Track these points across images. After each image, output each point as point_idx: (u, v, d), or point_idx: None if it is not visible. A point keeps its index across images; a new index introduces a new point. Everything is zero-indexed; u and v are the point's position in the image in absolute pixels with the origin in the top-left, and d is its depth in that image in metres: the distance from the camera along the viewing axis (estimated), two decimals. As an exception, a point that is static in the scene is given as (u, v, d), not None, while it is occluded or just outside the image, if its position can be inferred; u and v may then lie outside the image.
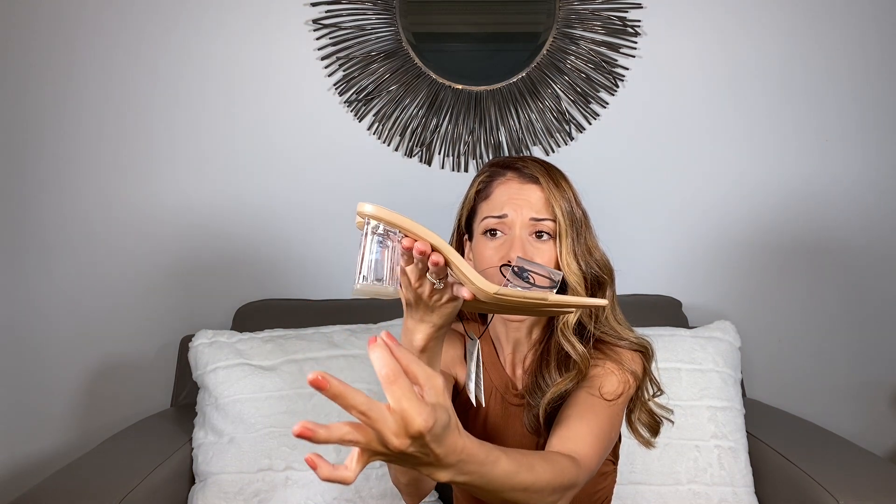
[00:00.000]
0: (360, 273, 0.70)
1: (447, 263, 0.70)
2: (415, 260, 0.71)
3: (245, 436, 1.33)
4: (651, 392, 1.02)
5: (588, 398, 0.93)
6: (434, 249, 0.70)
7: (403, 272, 0.74)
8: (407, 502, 0.97)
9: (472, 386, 0.80)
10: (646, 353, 1.00)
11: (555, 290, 0.73)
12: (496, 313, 0.89)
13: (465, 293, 0.71)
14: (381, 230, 0.71)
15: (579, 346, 0.95)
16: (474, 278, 0.69)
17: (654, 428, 1.03)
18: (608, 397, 0.94)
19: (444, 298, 0.75)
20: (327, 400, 1.33)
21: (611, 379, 0.96)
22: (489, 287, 0.68)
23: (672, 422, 1.03)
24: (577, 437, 0.89)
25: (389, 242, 0.72)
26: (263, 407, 1.34)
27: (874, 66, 1.77)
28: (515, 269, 0.75)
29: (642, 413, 1.01)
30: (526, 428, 0.99)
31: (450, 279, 0.74)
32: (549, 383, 0.97)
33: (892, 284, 1.80)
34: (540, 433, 0.99)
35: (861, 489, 1.16)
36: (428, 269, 0.72)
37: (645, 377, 1.00)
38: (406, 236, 0.70)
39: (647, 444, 1.04)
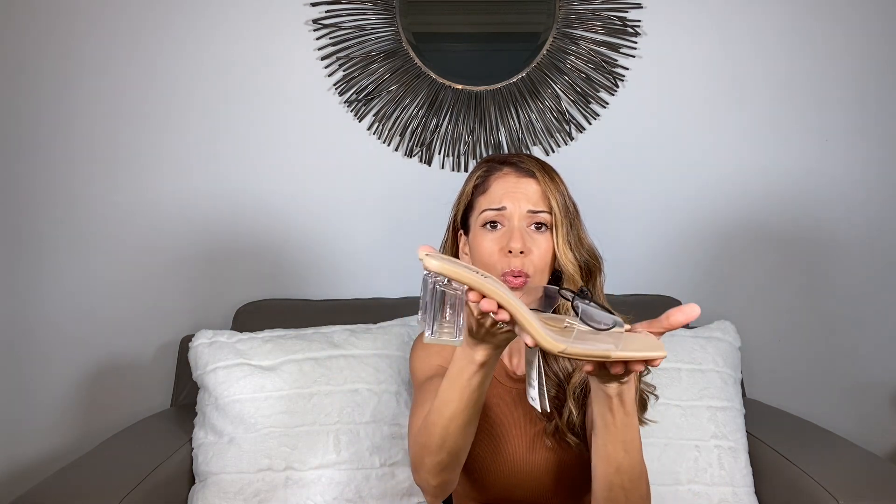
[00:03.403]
0: (430, 327, 0.73)
1: (513, 319, 0.72)
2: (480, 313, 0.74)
3: (245, 436, 1.32)
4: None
5: None
6: (500, 307, 0.71)
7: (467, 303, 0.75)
8: (430, 502, 1.02)
9: (534, 393, 0.83)
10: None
11: (619, 331, 0.74)
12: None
13: (528, 340, 0.71)
14: (446, 282, 0.73)
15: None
16: (540, 338, 0.70)
17: (643, 404, 1.06)
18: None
19: (506, 328, 0.77)
20: (328, 400, 1.34)
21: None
22: (555, 346, 0.69)
23: (657, 396, 1.07)
24: None
25: (455, 295, 0.74)
26: (263, 407, 1.34)
27: (876, 66, 1.77)
28: (579, 312, 0.75)
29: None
30: (536, 414, 1.03)
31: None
32: (559, 368, 1.01)
33: (892, 284, 1.80)
34: (551, 418, 1.02)
35: (861, 489, 1.16)
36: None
37: None
38: (471, 289, 0.72)
39: (639, 422, 1.06)
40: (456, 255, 1.08)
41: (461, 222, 1.07)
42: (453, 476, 0.94)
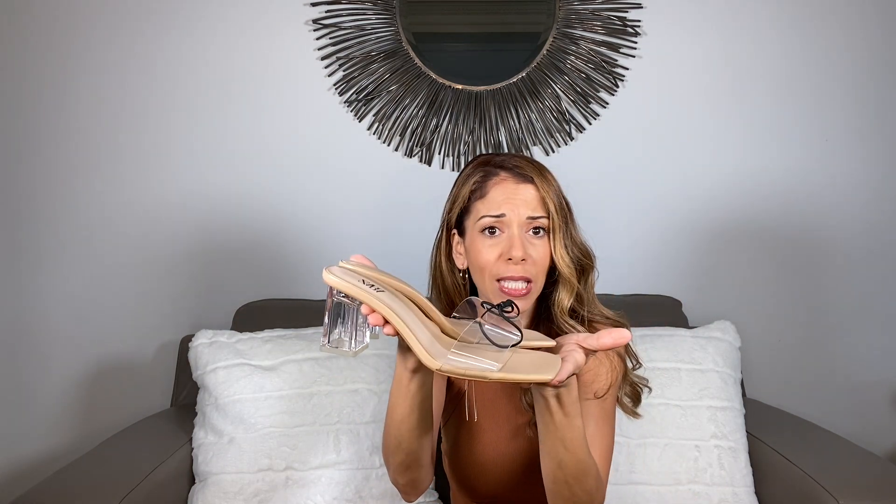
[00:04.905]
0: (323, 335, 0.79)
1: (398, 333, 0.77)
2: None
3: (245, 436, 1.33)
4: (631, 365, 1.08)
5: (583, 406, 0.98)
6: (386, 322, 0.76)
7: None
8: (406, 500, 1.04)
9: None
10: (625, 328, 1.06)
11: (509, 348, 0.77)
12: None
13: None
14: (343, 296, 0.78)
15: (581, 328, 1.02)
16: (419, 353, 0.75)
17: (636, 397, 1.09)
18: (600, 394, 1.01)
19: None
20: (328, 400, 1.34)
21: (600, 372, 1.02)
22: (432, 364, 0.74)
23: (650, 388, 1.10)
24: None
25: (350, 308, 0.79)
26: (263, 407, 1.34)
27: (876, 66, 1.77)
28: (482, 324, 0.79)
29: (626, 385, 1.07)
30: (524, 406, 1.05)
31: None
32: None
33: (892, 284, 1.80)
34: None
35: (861, 489, 1.16)
36: None
37: (626, 353, 1.06)
38: (364, 304, 0.77)
39: (634, 413, 1.10)
40: (449, 254, 1.08)
41: (456, 223, 1.08)
42: (418, 475, 0.98)
